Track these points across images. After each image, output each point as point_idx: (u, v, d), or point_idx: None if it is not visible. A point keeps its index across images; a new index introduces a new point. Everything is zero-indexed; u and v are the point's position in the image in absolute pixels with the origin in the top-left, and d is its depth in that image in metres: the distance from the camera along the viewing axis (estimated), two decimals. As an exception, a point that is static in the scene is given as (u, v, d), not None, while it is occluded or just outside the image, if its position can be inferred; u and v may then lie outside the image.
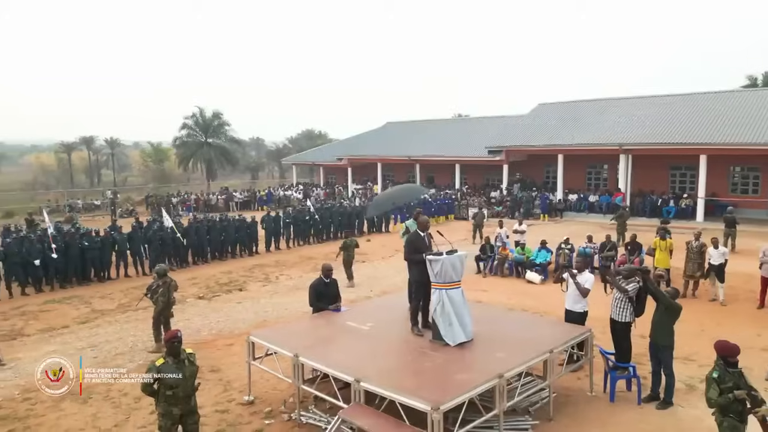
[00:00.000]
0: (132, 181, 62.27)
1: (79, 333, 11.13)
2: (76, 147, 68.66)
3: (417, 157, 33.58)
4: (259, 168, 68.44)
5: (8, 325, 11.78)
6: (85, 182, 66.27)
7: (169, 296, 9.68)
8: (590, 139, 26.74)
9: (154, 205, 33.99)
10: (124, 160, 76.43)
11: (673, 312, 7.14)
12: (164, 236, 17.17)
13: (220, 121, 47.66)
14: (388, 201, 8.19)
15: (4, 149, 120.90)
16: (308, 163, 42.97)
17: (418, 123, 40.36)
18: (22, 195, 44.21)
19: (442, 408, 5.43)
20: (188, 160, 47.34)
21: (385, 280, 15.45)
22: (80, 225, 18.68)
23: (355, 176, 37.66)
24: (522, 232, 17.13)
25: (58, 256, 14.80)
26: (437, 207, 27.71)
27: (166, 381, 5.46)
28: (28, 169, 75.57)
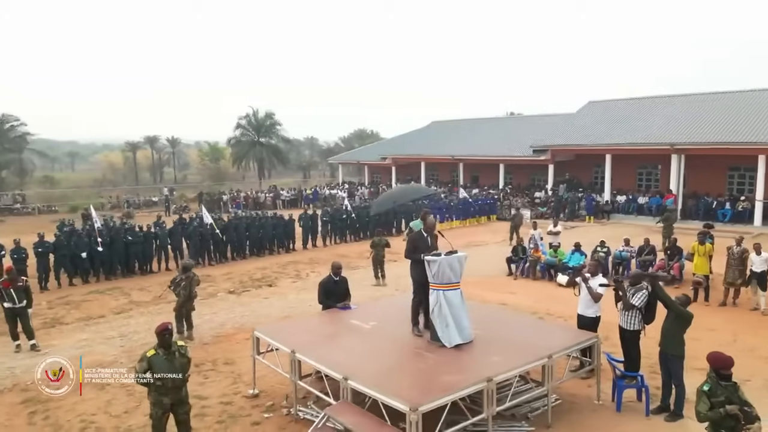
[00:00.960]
0: (191, 179, 64.83)
1: (113, 323, 11.74)
2: (141, 146, 72.08)
3: (460, 156, 33.27)
4: (311, 167, 69.71)
5: (51, 314, 12.57)
6: (148, 179, 69.50)
7: (190, 290, 10.06)
8: (640, 138, 25.67)
9: (206, 202, 35.31)
10: (184, 158, 79.78)
11: (683, 320, 6.80)
12: (203, 232, 17.83)
13: (272, 121, 48.99)
14: (389, 200, 8.24)
15: (78, 148, 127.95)
16: (353, 162, 43.39)
17: (463, 122, 39.96)
18: (88, 191, 46.92)
19: (420, 409, 5.42)
20: (241, 159, 48.86)
21: (402, 280, 15.38)
22: (126, 220, 19.62)
23: (399, 175, 37.70)
24: (556, 233, 16.67)
25: (104, 250, 15.66)
26: (479, 207, 27.38)
27: (156, 371, 5.70)
28: (98, 167, 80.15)
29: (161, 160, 75.08)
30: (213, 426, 7.05)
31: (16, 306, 9.74)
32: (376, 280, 15.08)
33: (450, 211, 26.14)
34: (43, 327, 11.50)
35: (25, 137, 46.24)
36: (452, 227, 25.87)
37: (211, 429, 6.98)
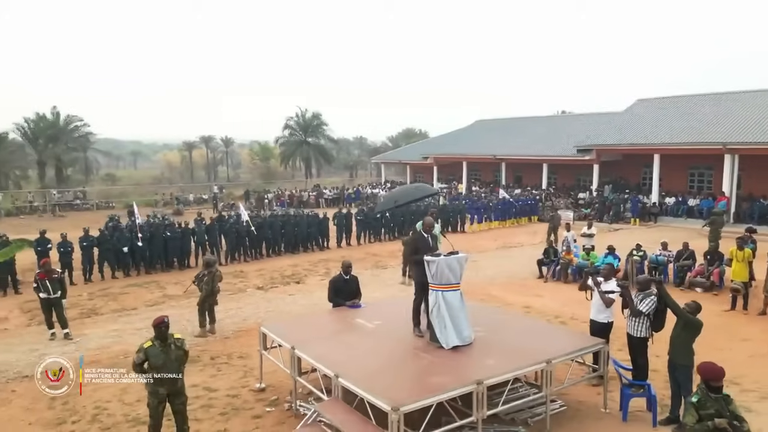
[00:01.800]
0: (243, 178, 66.71)
1: (144, 315, 12.27)
2: (197, 145, 74.77)
3: (503, 155, 32.75)
4: (359, 166, 70.31)
5: (90, 304, 13.28)
6: (203, 178, 72.01)
7: (213, 285, 10.39)
8: (691, 137, 24.50)
9: (252, 200, 36.30)
10: (237, 158, 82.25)
11: (692, 328, 6.49)
12: (239, 229, 18.34)
13: (318, 121, 49.75)
14: (390, 200, 8.23)
15: (141, 147, 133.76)
16: (395, 161, 43.45)
17: (507, 121, 39.31)
18: (145, 189, 49.07)
19: (401, 409, 5.42)
20: (289, 158, 49.89)
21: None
22: (166, 217, 20.38)
23: (441, 175, 37.50)
24: (590, 235, 16.17)
25: (143, 245, 16.37)
26: (519, 207, 26.88)
27: (152, 362, 5.95)
28: (158, 166, 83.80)
29: (215, 159, 77.63)
30: (215, 417, 7.27)
31: (51, 297, 10.34)
32: (403, 278, 15.14)
33: (488, 212, 25.80)
34: (79, 317, 12.17)
35: (88, 137, 48.73)
36: (491, 228, 25.56)
37: (214, 420, 7.21)
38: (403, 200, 8.03)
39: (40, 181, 44.75)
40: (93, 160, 60.92)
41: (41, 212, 35.02)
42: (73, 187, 43.91)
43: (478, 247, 20.70)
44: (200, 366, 9.15)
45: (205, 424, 7.08)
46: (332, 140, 51.34)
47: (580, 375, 7.48)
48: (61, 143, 45.37)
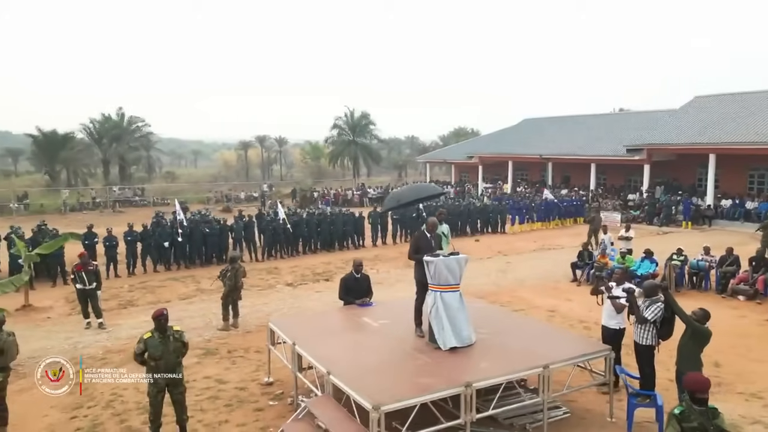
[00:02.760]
0: (296, 177, 68.14)
1: (174, 307, 12.73)
2: (253, 145, 76.97)
3: (549, 155, 31.94)
4: (409, 165, 70.30)
5: (129, 296, 13.96)
6: (259, 176, 74.05)
7: (236, 281, 10.70)
8: (750, 136, 23.09)
9: (298, 198, 37.08)
10: (291, 157, 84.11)
11: (699, 337, 6.17)
12: (276, 226, 18.77)
13: (367, 121, 50.10)
14: (393, 199, 8.18)
15: (202, 147, 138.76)
16: (440, 160, 43.16)
17: (555, 119, 38.25)
18: (202, 186, 50.91)
19: (382, 408, 5.44)
20: (337, 157, 50.55)
21: (467, 281, 14.88)
22: (209, 213, 21.07)
23: (486, 174, 36.98)
24: (628, 238, 15.56)
25: (183, 240, 17.04)
26: (564, 208, 26.16)
27: (151, 353, 6.22)
28: (216, 164, 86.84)
29: (270, 158, 79.67)
30: (220, 408, 7.51)
31: (86, 287, 10.96)
32: None
33: (530, 212, 25.25)
34: (116, 308, 12.83)
35: (149, 137, 51.10)
36: (533, 229, 25.02)
37: (218, 411, 7.45)
38: (406, 199, 8.01)
39: (104, 179, 47.34)
40: (155, 159, 63.90)
41: (103, 208, 37.03)
42: (136, 185, 46.20)
43: (515, 249, 20.33)
44: (217, 358, 9.46)
45: (209, 414, 7.33)
46: (380, 140, 51.59)
47: (588, 382, 7.25)
48: (123, 143, 47.78)
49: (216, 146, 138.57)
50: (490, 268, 16.90)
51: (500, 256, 19.01)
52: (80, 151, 45.81)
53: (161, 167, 72.01)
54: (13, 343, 6.66)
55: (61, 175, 45.95)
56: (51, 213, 34.60)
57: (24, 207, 35.49)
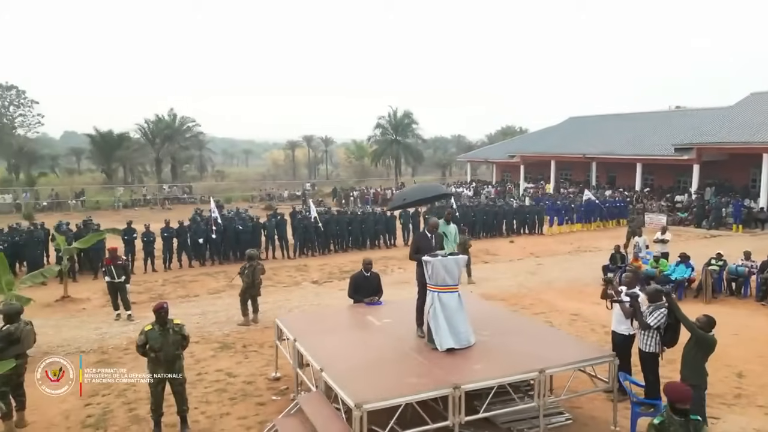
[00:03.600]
0: (342, 175, 68.86)
1: (202, 302, 13.20)
2: (300, 144, 78.31)
3: (593, 154, 31.00)
4: (454, 165, 69.73)
5: (161, 290, 14.51)
6: (305, 175, 75.29)
7: (253, 278, 10.94)
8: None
9: (340, 197, 37.50)
10: (337, 157, 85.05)
11: (703, 345, 5.88)
12: (307, 225, 19.06)
13: (409, 120, 50.04)
14: (399, 198, 8.15)
15: (253, 146, 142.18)
16: (481, 159, 42.59)
17: (602, 117, 37.05)
18: (247, 185, 52.24)
19: (365, 407, 5.45)
20: (379, 156, 50.74)
21: (493, 283, 14.96)
22: (244, 211, 21.55)
23: (529, 174, 36.25)
24: (664, 241, 14.91)
25: (217, 237, 17.56)
26: (607, 210, 25.36)
27: (151, 344, 6.46)
28: (266, 163, 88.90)
29: (316, 157, 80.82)
30: (224, 401, 7.71)
31: (115, 281, 11.47)
32: (468, 278, 15.04)
33: (570, 213, 24.61)
34: (147, 301, 13.34)
35: (199, 136, 52.89)
36: (572, 231, 24.38)
37: (222, 403, 7.65)
38: (410, 199, 7.96)
39: (157, 177, 49.30)
40: (207, 158, 66.04)
41: (153, 205, 38.59)
42: (187, 183, 47.89)
43: (549, 251, 19.89)
44: (231, 352, 9.71)
45: (213, 407, 7.54)
46: (422, 139, 51.44)
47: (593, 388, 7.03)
48: (175, 142, 49.63)
49: (267, 146, 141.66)
50: (519, 269, 16.60)
51: (532, 257, 18.65)
52: (135, 151, 47.85)
53: (213, 166, 74.41)
54: (30, 332, 7.04)
55: (117, 173, 48.18)
56: (105, 209, 36.41)
57: (81, 203, 37.41)
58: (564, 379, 7.12)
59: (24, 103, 56.27)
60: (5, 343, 6.62)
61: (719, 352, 9.10)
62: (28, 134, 55.99)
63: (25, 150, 50.02)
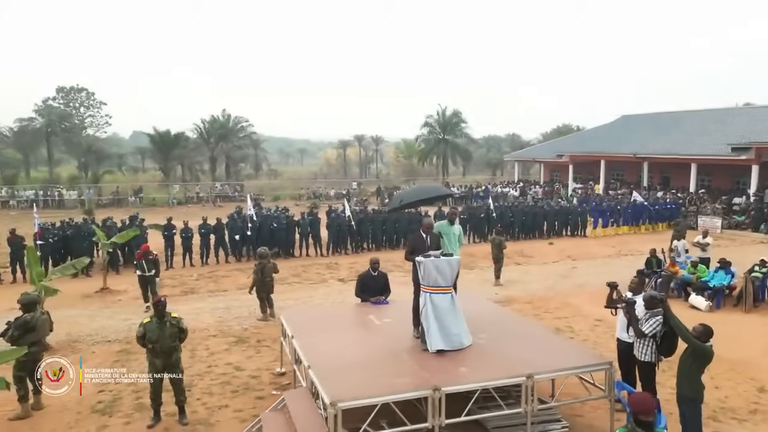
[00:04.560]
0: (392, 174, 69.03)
1: (229, 297, 13.59)
2: (351, 144, 79.17)
3: (644, 154, 29.68)
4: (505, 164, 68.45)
5: (194, 284, 15.05)
6: (357, 174, 76.00)
7: (263, 275, 11.17)
8: None
9: (383, 196, 37.62)
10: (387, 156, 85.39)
11: (700, 356, 5.56)
12: (341, 223, 19.26)
13: (458, 119, 49.67)
14: (397, 199, 8.09)
15: (309, 146, 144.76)
16: (528, 159, 41.58)
17: (655, 115, 35.38)
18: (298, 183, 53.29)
19: (339, 405, 5.49)
20: (427, 155, 50.61)
21: (521, 285, 14.66)
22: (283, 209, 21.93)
23: (579, 174, 35.13)
24: (705, 246, 14.14)
25: (252, 234, 18.03)
26: (656, 212, 24.26)
27: (149, 336, 6.75)
28: (320, 162, 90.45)
29: (367, 156, 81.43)
30: (226, 394, 7.94)
31: (145, 274, 12.00)
32: (496, 280, 14.85)
33: (615, 215, 23.70)
34: (179, 294, 13.90)
35: (251, 136, 54.51)
36: (618, 233, 23.48)
37: (224, 396, 7.88)
38: (408, 199, 7.91)
39: (211, 175, 51.10)
40: (262, 157, 67.86)
41: (205, 202, 40.00)
42: (242, 181, 49.39)
43: (588, 254, 19.26)
44: (245, 347, 9.97)
45: (214, 399, 7.78)
46: (471, 138, 50.89)
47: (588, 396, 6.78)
48: (229, 142, 51.32)
49: (321, 145, 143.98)
50: (552, 272, 16.17)
51: (568, 260, 18.10)
52: (192, 150, 49.83)
53: (269, 165, 76.33)
54: (46, 321, 7.47)
55: (175, 171, 50.30)
56: (161, 206, 38.00)
57: (139, 200, 39.28)
58: (568, 385, 6.93)
59: (93, 104, 59.70)
60: (21, 331, 7.07)
61: (746, 364, 8.60)
62: (96, 134, 59.41)
63: (93, 149, 52.99)
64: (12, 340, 7.01)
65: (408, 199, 7.90)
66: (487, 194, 36.14)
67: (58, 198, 38.88)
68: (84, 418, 7.21)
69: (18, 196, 38.43)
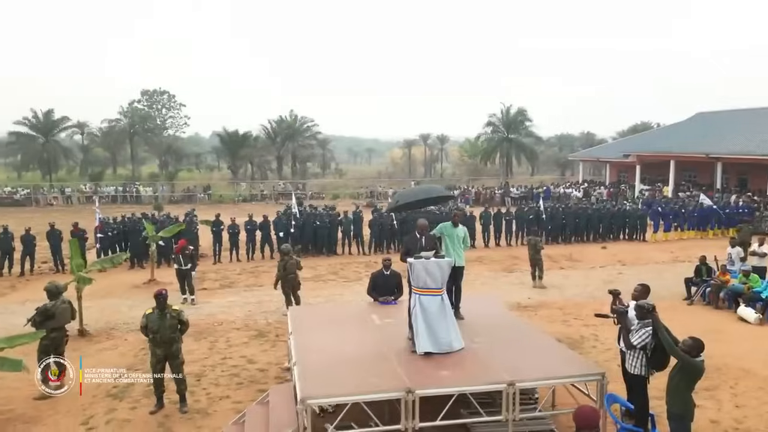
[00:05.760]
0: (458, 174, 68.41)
1: (263, 292, 13.95)
2: (416, 143, 79.20)
3: (718, 153, 27.65)
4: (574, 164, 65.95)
5: (234, 278, 15.64)
6: (422, 173, 75.91)
7: (285, 272, 11.40)
8: None
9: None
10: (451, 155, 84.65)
11: (690, 371, 5.18)
12: (383, 222, 19.35)
13: (522, 117, 48.41)
14: (394, 200, 7.98)
15: (377, 145, 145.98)
16: (593, 159, 39.76)
17: (733, 113, 32.80)
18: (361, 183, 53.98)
19: (308, 402, 5.58)
20: (489, 154, 49.70)
21: (557, 290, 14.14)
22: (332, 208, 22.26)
23: (647, 175, 33.27)
24: (762, 255, 13.02)
25: (295, 231, 18.50)
26: (727, 216, 22.60)
27: (150, 326, 7.11)
28: (386, 161, 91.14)
29: (432, 155, 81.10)
30: (232, 385, 8.22)
31: (182, 268, 12.63)
32: (533, 281, 14.48)
33: (679, 219, 22.29)
34: (217, 288, 14.52)
35: (316, 135, 55.84)
36: (682, 238, 22.07)
37: (229, 387, 8.16)
38: (404, 201, 7.82)
39: (278, 174, 52.78)
40: (330, 156, 69.32)
41: (268, 200, 41.40)
42: (302, 180, 50.71)
43: (640, 259, 18.25)
44: (263, 341, 10.26)
45: (219, 389, 8.08)
46: (536, 137, 49.43)
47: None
48: (295, 141, 52.83)
49: (390, 144, 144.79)
50: (595, 278, 15.46)
51: (617, 266, 17.23)
52: (260, 149, 51.71)
53: (337, 164, 77.82)
54: (66, 309, 8.02)
55: (241, 169, 52.38)
56: (227, 203, 39.67)
57: (207, 197, 41.25)
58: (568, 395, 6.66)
59: (174, 106, 63.20)
60: (42, 317, 7.69)
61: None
62: (176, 134, 62.90)
63: (172, 148, 56.14)
64: (35, 325, 7.62)
65: (404, 199, 7.84)
66: (548, 195, 35.09)
67: (135, 194, 41.53)
68: (98, 401, 7.69)
69: (100, 192, 41.44)
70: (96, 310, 12.15)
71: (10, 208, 35.23)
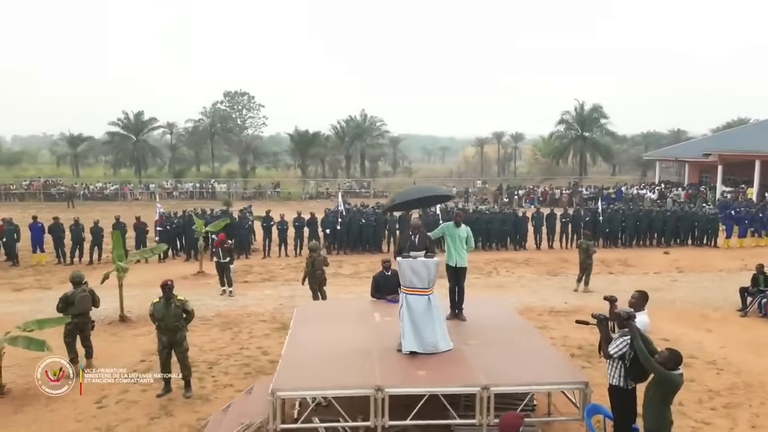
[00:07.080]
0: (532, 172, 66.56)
1: (298, 285, 14.13)
2: (489, 141, 77.79)
3: (808, 153, 25.12)
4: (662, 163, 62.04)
5: (278, 272, 16.17)
6: (495, 172, 74.54)
7: (313, 268, 11.61)
8: None
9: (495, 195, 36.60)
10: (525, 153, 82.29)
11: (665, 384, 4.83)
12: (428, 221, 19.20)
13: (598, 114, 46.36)
14: (390, 199, 7.88)
15: (452, 143, 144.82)
16: (671, 158, 37.19)
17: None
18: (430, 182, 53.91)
19: (278, 394, 5.73)
20: (561, 153, 47.97)
21: (599, 295, 13.38)
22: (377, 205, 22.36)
23: (731, 176, 30.81)
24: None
25: (341, 228, 18.81)
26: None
27: (156, 315, 7.54)
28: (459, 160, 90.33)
29: (506, 153, 79.31)
30: (239, 374, 8.54)
31: (221, 261, 13.23)
32: (577, 284, 13.94)
33: (756, 224, 20.50)
34: (258, 281, 15.09)
35: (384, 134, 56.37)
36: (759, 244, 20.31)
37: (236, 376, 8.49)
38: (401, 199, 7.72)
39: (346, 173, 53.78)
40: (400, 155, 69.68)
41: (333, 197, 42.25)
42: (371, 178, 51.34)
43: (703, 266, 16.99)
44: (283, 333, 10.41)
45: (227, 377, 8.44)
46: (612, 134, 47.09)
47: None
48: (363, 140, 53.63)
49: (465, 142, 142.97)
50: (645, 284, 14.30)
51: (674, 272, 16.15)
52: (331, 148, 52.94)
53: (410, 162, 78.03)
54: (85, 297, 8.58)
55: (312, 167, 53.83)
56: (294, 200, 40.95)
57: (276, 194, 42.76)
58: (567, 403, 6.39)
59: (253, 106, 65.90)
60: (64, 304, 8.38)
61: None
62: (255, 133, 65.62)
63: (251, 147, 58.70)
64: (59, 310, 8.32)
65: (401, 198, 7.78)
66: (619, 196, 33.39)
67: (210, 190, 43.79)
68: (116, 384, 8.22)
69: (180, 188, 44.12)
70: (143, 298, 12.91)
71: (99, 202, 38.29)
